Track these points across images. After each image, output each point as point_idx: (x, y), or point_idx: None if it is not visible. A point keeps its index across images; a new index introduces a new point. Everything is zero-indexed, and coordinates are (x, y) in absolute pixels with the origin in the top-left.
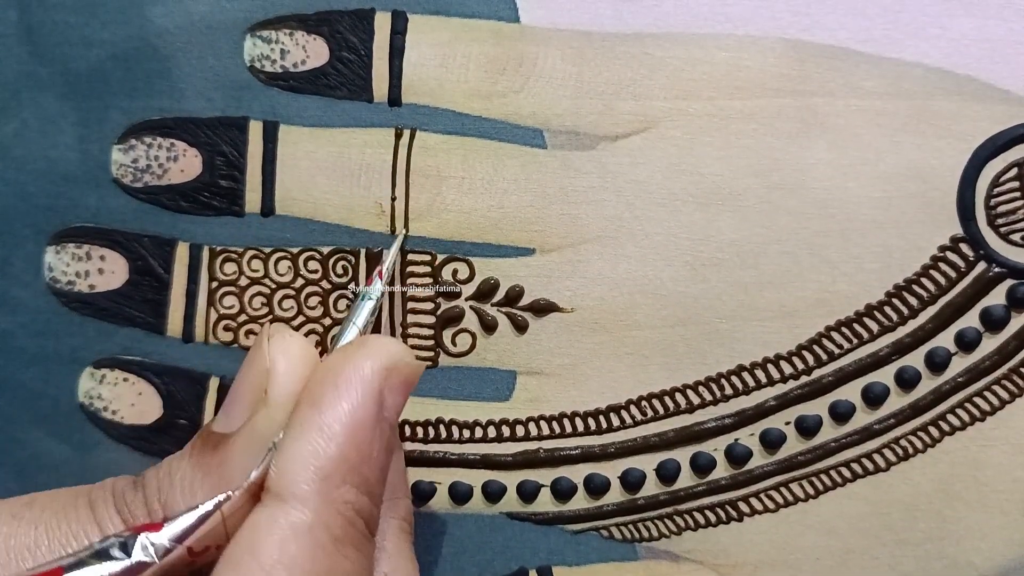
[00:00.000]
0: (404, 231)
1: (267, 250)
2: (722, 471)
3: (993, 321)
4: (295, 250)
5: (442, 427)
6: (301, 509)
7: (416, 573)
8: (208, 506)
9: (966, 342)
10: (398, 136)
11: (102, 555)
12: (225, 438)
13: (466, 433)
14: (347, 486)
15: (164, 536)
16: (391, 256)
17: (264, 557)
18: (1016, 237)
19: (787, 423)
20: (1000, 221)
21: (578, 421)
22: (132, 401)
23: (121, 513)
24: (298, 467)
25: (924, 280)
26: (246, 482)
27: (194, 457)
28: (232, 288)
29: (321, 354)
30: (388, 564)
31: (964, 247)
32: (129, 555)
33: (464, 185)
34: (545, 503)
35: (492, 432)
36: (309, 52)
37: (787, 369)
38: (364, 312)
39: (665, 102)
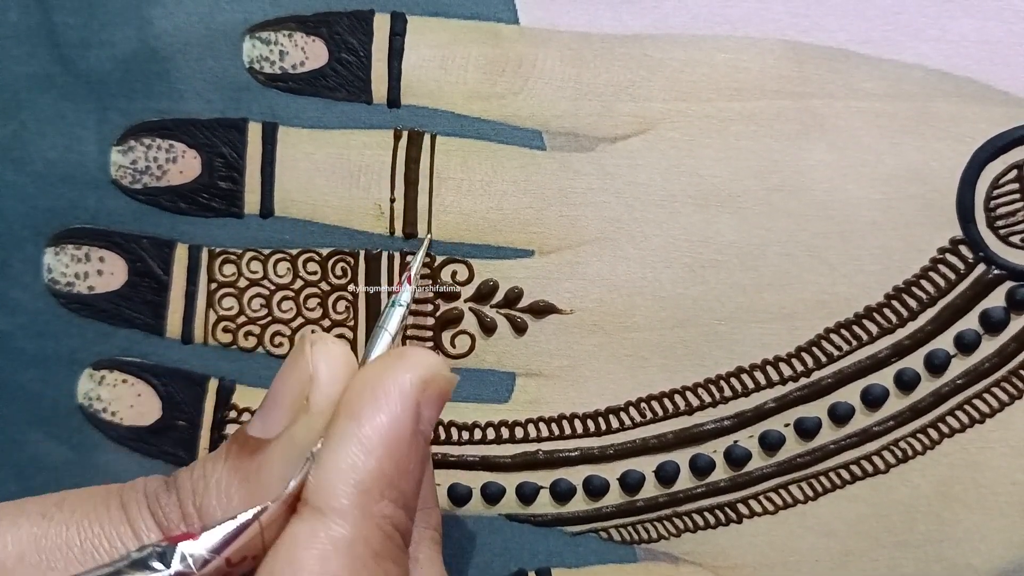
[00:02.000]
0: (429, 235)
1: (266, 251)
2: (721, 473)
3: (992, 323)
4: (294, 251)
5: (441, 429)
6: (341, 523)
7: None
8: (247, 516)
9: (965, 344)
10: (397, 137)
11: (139, 565)
12: (263, 443)
13: (465, 435)
14: (385, 500)
15: (202, 546)
16: (418, 260)
17: (303, 569)
18: (1016, 239)
19: (786, 425)
20: (1000, 223)
21: (577, 423)
22: (131, 402)
23: (155, 515)
24: (338, 480)
25: (923, 282)
26: (285, 492)
27: (230, 461)
28: (231, 289)
29: None
30: (420, 574)
31: (964, 249)
32: (168, 566)
33: (463, 187)
34: (544, 505)
35: (491, 434)
36: (308, 53)
37: (786, 371)
38: (395, 319)
39: (664, 104)
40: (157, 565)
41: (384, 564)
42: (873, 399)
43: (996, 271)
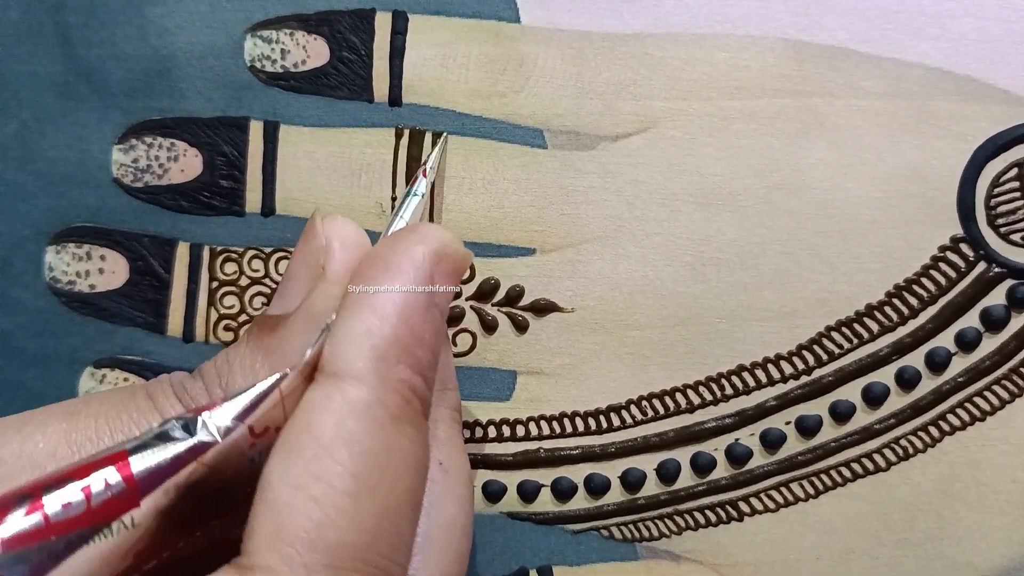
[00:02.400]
0: (445, 133)
1: (268, 250)
2: (722, 471)
3: (993, 321)
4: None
5: None
6: (358, 386)
7: (467, 462)
8: (266, 384)
9: (966, 342)
10: (398, 136)
11: (164, 437)
12: (283, 318)
13: (466, 433)
14: (402, 365)
15: (226, 415)
16: (436, 154)
17: (323, 434)
18: (1016, 237)
19: (787, 423)
20: (1000, 221)
21: (578, 421)
22: None
23: (182, 400)
24: (352, 346)
25: (924, 280)
26: (302, 361)
27: (251, 342)
28: (233, 288)
29: None
30: (441, 452)
31: (964, 247)
32: (193, 434)
33: (464, 185)
34: (545, 503)
35: (492, 432)
36: (309, 52)
37: (787, 369)
38: (411, 207)
39: (665, 102)
40: (180, 434)
41: (402, 427)
42: (874, 397)
43: (997, 269)
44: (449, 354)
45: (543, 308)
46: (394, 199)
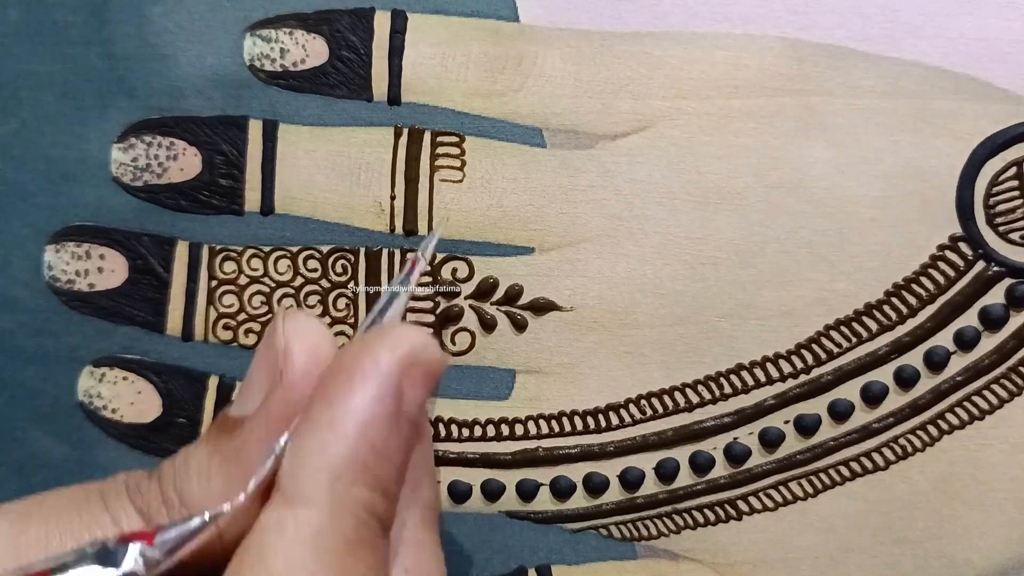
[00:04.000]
0: (446, 218)
1: (267, 249)
2: (721, 470)
3: (992, 320)
4: (294, 249)
5: (441, 426)
6: (310, 510)
7: (440, 564)
8: (200, 520)
9: (965, 341)
10: (397, 135)
11: (92, 558)
12: (240, 422)
13: (465, 432)
14: (359, 486)
15: (156, 549)
16: (431, 243)
17: (270, 560)
18: (1015, 236)
19: (786, 422)
20: (999, 220)
21: (577, 420)
22: (131, 400)
23: (135, 503)
24: (305, 466)
25: (923, 279)
26: (244, 493)
27: (210, 443)
28: (232, 287)
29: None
30: (409, 557)
31: (963, 246)
32: (118, 566)
33: (463, 184)
34: (544, 502)
35: (491, 431)
36: (309, 51)
37: (786, 368)
38: (393, 304)
39: (664, 101)
40: (106, 564)
41: (357, 552)
42: (873, 396)
43: (995, 268)
44: (427, 447)
45: (542, 307)
46: (393, 198)
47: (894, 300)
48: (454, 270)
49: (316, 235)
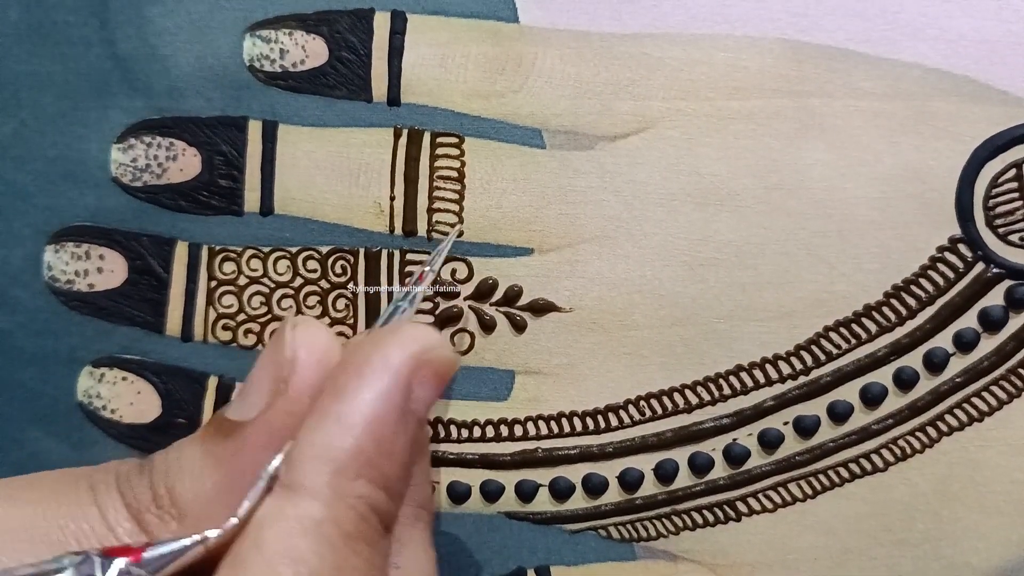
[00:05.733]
0: (459, 230)
1: (266, 249)
2: (720, 471)
3: (991, 322)
4: (294, 249)
5: (440, 426)
6: (311, 502)
7: (432, 564)
8: (191, 541)
9: (964, 343)
10: (397, 136)
11: (68, 571)
12: (239, 426)
13: (464, 432)
14: (362, 480)
15: (141, 567)
16: (440, 256)
17: (268, 549)
18: (1014, 238)
19: (785, 423)
20: (998, 222)
21: (576, 421)
22: (131, 400)
23: (124, 496)
24: (310, 458)
25: (922, 281)
26: (235, 517)
27: (206, 444)
28: (231, 287)
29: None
30: (401, 555)
31: (962, 248)
32: None
33: (463, 185)
34: (543, 503)
35: (490, 432)
36: (308, 52)
37: (785, 369)
38: (400, 312)
39: (663, 102)
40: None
41: (356, 545)
42: (872, 397)
43: (995, 270)
44: (424, 451)
45: (541, 308)
46: (393, 199)
47: (893, 301)
48: (453, 271)
49: (315, 236)
